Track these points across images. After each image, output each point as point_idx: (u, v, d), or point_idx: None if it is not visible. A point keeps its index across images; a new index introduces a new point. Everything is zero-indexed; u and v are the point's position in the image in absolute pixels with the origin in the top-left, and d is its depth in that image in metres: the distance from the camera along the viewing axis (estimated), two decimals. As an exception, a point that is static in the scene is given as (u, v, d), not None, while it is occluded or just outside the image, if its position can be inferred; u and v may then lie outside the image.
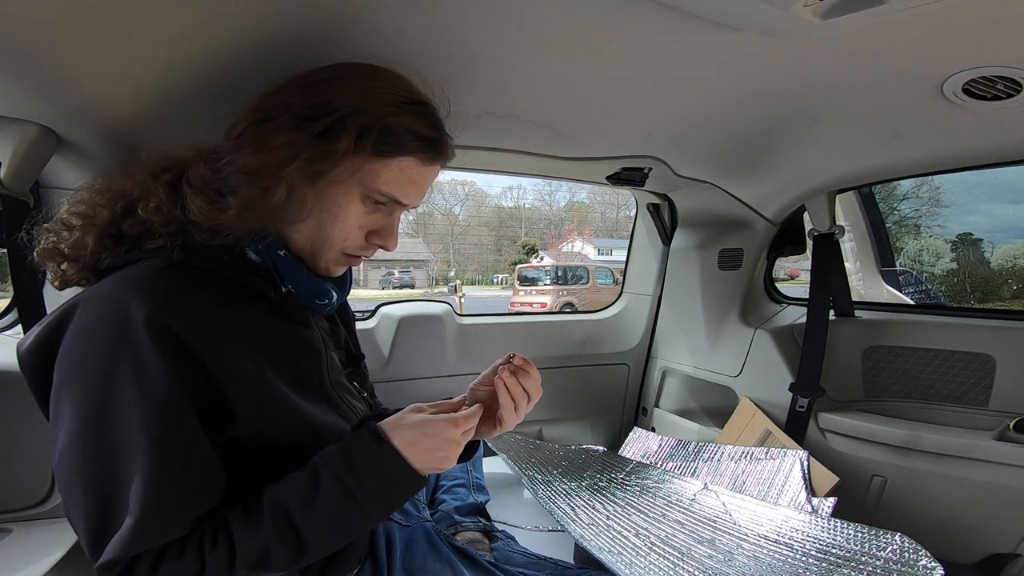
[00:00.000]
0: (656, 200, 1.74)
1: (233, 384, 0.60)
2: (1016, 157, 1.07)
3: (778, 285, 1.72)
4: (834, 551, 0.97)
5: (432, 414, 0.67)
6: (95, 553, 0.54)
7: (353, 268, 0.87)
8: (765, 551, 0.99)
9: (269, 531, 0.58)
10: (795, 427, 1.39)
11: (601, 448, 1.54)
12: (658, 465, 1.41)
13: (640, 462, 1.40)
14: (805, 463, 1.25)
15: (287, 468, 0.63)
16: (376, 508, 0.64)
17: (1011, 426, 1.10)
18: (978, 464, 1.13)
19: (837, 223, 1.42)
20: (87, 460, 0.55)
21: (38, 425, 0.88)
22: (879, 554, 0.94)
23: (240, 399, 0.60)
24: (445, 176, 0.81)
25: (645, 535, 1.03)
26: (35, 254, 0.65)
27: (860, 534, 0.99)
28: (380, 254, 0.76)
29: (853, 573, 0.91)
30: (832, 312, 1.46)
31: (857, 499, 1.29)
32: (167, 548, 0.56)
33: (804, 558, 0.96)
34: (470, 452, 0.81)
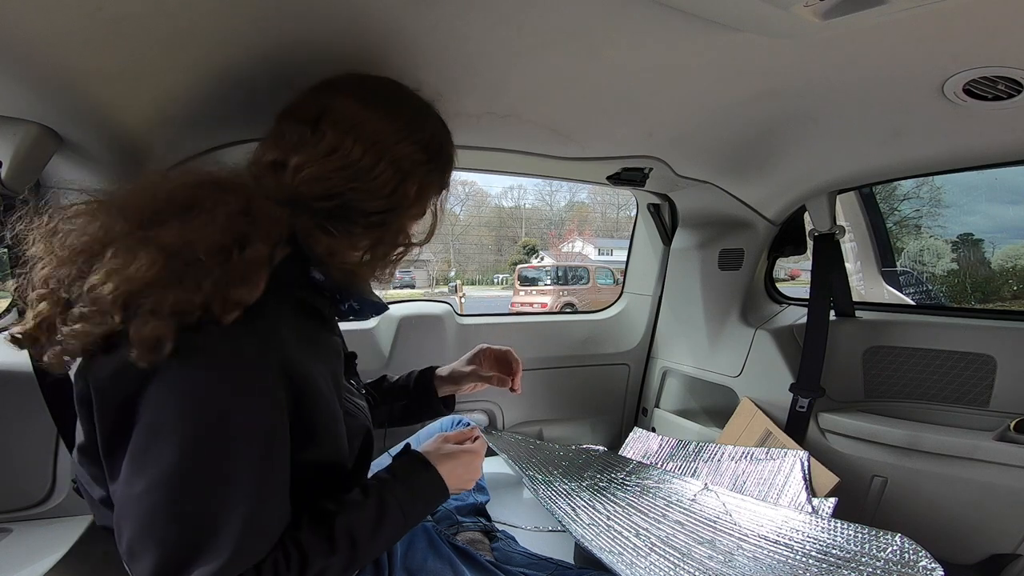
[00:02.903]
0: (657, 200, 1.74)
1: (316, 405, 0.62)
2: (1017, 157, 1.07)
3: (779, 285, 1.72)
4: (834, 552, 0.97)
5: (457, 444, 0.81)
6: None
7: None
8: (765, 552, 0.99)
9: (341, 553, 0.61)
10: (795, 427, 1.38)
11: (601, 448, 1.54)
12: (658, 465, 1.41)
13: (640, 462, 1.40)
14: (805, 463, 1.25)
15: (324, 475, 0.66)
16: (414, 525, 0.72)
17: (1012, 427, 1.10)
18: (978, 465, 1.13)
19: (838, 223, 1.42)
20: (185, 496, 0.52)
21: (38, 425, 0.88)
22: (879, 555, 0.94)
23: (322, 420, 0.63)
24: (446, 176, 0.83)
25: (645, 535, 1.03)
26: None
27: (860, 535, 0.99)
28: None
29: (853, 574, 0.91)
30: (832, 312, 1.46)
31: (857, 499, 1.28)
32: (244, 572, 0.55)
33: (804, 559, 0.96)
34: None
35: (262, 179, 0.66)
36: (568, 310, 7.77)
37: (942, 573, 0.88)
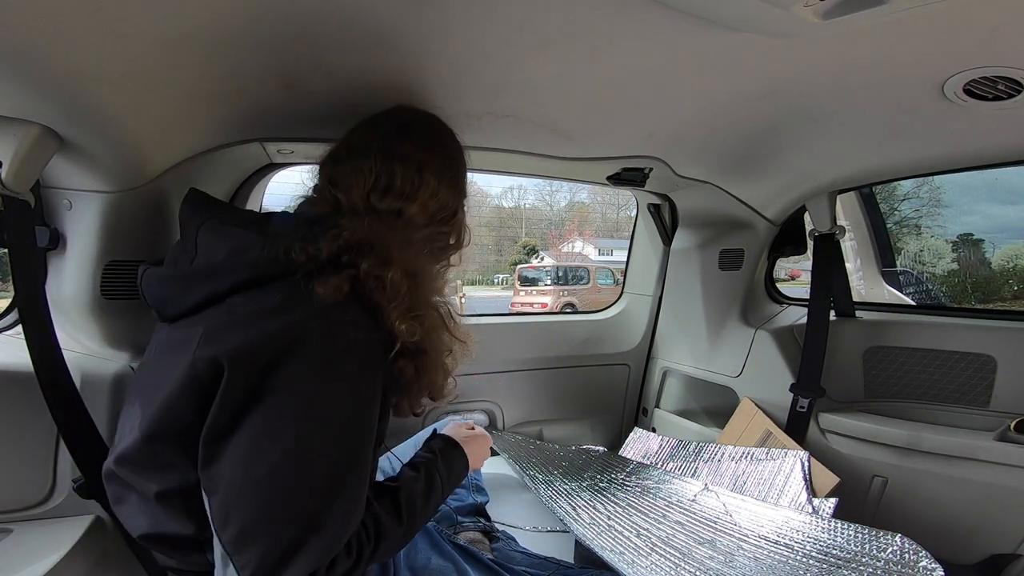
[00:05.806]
0: (657, 200, 1.74)
1: (388, 387, 0.68)
2: (1018, 157, 1.07)
3: (779, 285, 1.72)
4: (834, 552, 0.97)
5: (470, 429, 0.95)
6: (278, 569, 0.53)
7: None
8: (766, 552, 0.99)
9: (404, 524, 0.67)
10: (796, 427, 1.38)
11: (601, 448, 1.54)
12: (659, 465, 1.41)
13: (641, 462, 1.40)
14: (806, 464, 1.24)
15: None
16: (443, 500, 0.80)
17: (1012, 427, 1.10)
18: (979, 465, 1.13)
19: (838, 223, 1.42)
20: (317, 474, 0.55)
21: (38, 425, 0.88)
22: (879, 555, 0.94)
23: (389, 402, 0.70)
24: (446, 177, 0.85)
25: (646, 536, 1.03)
26: None
27: (860, 535, 0.99)
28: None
29: (853, 574, 0.91)
30: (833, 312, 1.46)
31: (858, 500, 1.28)
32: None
33: (805, 559, 0.96)
34: None
35: (391, 227, 0.71)
36: (568, 310, 7.76)
37: (942, 573, 0.88)
